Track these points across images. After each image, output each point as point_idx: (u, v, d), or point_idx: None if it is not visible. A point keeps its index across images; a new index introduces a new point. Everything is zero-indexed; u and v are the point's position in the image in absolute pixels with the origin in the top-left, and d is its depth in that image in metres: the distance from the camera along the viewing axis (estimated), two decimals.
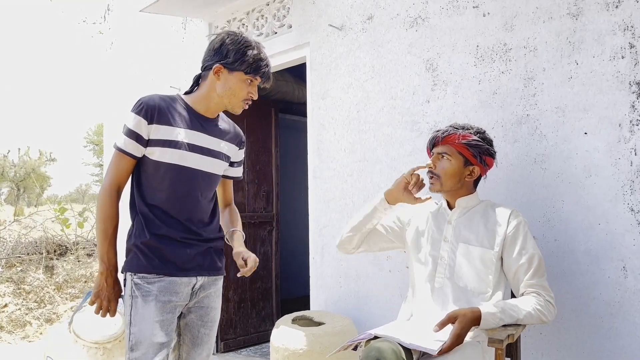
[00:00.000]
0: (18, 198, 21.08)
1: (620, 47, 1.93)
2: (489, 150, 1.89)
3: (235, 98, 1.77)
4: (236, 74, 1.73)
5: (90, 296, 1.71)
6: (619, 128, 1.93)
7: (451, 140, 1.87)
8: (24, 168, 21.68)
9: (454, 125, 1.91)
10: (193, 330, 1.82)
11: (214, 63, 1.73)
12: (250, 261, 1.78)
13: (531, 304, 1.69)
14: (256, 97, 1.81)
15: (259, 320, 4.12)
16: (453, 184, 1.88)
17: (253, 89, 1.79)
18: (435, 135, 1.93)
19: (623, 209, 1.90)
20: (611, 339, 1.92)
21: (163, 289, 1.69)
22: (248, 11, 3.57)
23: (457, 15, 2.43)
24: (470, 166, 1.88)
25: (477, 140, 1.86)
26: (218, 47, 1.73)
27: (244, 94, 1.77)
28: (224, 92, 1.75)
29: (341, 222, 2.92)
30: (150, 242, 1.70)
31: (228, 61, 1.71)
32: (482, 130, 1.93)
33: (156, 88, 4.29)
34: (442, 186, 1.88)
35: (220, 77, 1.74)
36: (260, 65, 1.74)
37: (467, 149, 1.85)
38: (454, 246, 1.86)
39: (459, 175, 1.87)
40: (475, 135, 1.87)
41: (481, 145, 1.86)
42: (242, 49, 1.71)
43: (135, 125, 1.68)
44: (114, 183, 1.71)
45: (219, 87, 1.75)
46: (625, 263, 1.89)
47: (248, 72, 1.73)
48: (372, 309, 2.72)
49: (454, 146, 1.87)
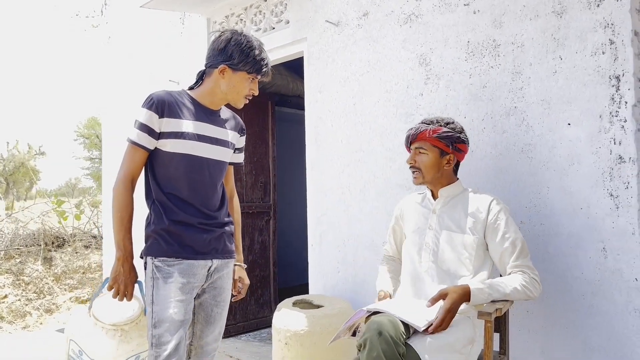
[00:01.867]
0: (7, 192, 20.98)
1: (601, 43, 2.07)
2: (460, 137, 2.04)
3: (238, 94, 1.92)
4: (240, 74, 1.88)
5: (108, 282, 1.83)
6: (599, 119, 2.07)
7: (423, 135, 2.02)
8: (13, 162, 21.58)
9: (424, 122, 2.07)
10: (207, 309, 1.96)
11: (219, 63, 1.86)
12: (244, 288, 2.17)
13: (517, 281, 1.84)
14: (257, 93, 1.96)
15: (258, 307, 4.25)
16: (433, 174, 2.03)
17: (254, 85, 1.94)
18: (409, 134, 2.09)
19: (603, 194, 2.05)
20: (592, 315, 2.07)
21: (182, 271, 1.82)
22: (246, 7, 3.67)
23: (448, 12, 2.55)
24: (446, 155, 2.03)
25: (446, 131, 2.01)
26: (223, 47, 1.86)
27: (246, 90, 1.92)
28: (228, 89, 1.90)
29: (339, 210, 3.05)
30: (170, 228, 1.83)
31: (233, 62, 1.85)
32: (452, 120, 2.08)
33: (155, 82, 4.39)
34: (424, 178, 2.04)
35: (225, 75, 1.87)
36: (262, 65, 1.89)
37: (439, 140, 2.01)
38: (437, 233, 2.01)
39: (437, 165, 2.02)
40: (445, 127, 2.03)
41: (452, 135, 2.01)
42: (245, 51, 1.85)
43: (148, 119, 1.80)
44: (128, 174, 1.83)
45: (223, 85, 1.89)
46: (605, 244, 2.04)
47: (251, 71, 1.88)
48: (368, 292, 2.86)
49: (427, 140, 2.02)
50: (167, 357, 1.76)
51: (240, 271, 2.18)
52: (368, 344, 1.62)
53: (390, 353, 1.59)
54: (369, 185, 2.90)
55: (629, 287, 1.97)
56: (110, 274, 1.80)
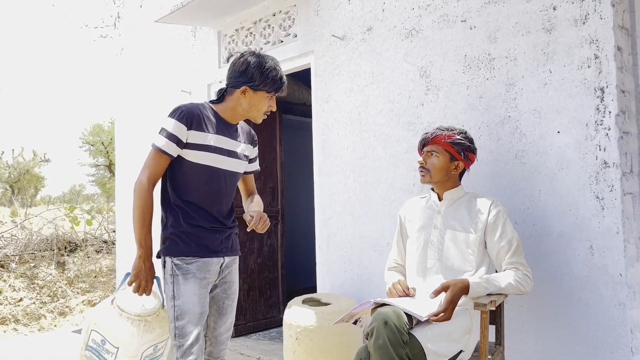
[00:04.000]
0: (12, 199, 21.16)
1: (587, 57, 2.25)
2: (471, 147, 2.23)
3: (258, 112, 2.10)
4: (260, 93, 2.05)
5: (129, 277, 2.00)
6: (586, 127, 2.24)
7: (438, 140, 2.20)
8: (18, 169, 21.76)
9: (440, 128, 2.25)
10: (219, 302, 2.14)
11: (240, 84, 2.03)
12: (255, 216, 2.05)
13: (512, 277, 2.01)
14: (275, 109, 2.14)
15: (267, 308, 4.42)
16: (441, 176, 2.20)
17: (272, 102, 2.12)
18: (425, 137, 2.26)
19: (590, 197, 2.22)
20: (581, 309, 2.24)
21: (200, 268, 2.00)
22: (255, 21, 3.87)
23: (447, 28, 2.74)
24: (455, 161, 2.21)
25: (460, 139, 2.19)
26: (244, 69, 2.02)
27: (265, 107, 2.10)
28: (250, 107, 2.07)
29: (345, 213, 3.23)
30: (187, 230, 2.00)
31: (254, 84, 2.02)
32: (464, 130, 2.27)
33: (167, 92, 4.58)
34: (432, 178, 2.21)
35: (246, 95, 2.05)
36: (280, 85, 2.07)
37: (452, 146, 2.19)
38: (442, 232, 2.18)
39: (445, 169, 2.20)
40: (458, 135, 2.21)
41: (463, 143, 2.20)
42: (265, 73, 2.02)
43: (177, 130, 1.97)
44: (151, 177, 2.00)
45: (245, 103, 2.06)
46: (592, 243, 2.22)
47: (270, 91, 2.06)
48: (373, 290, 3.03)
49: (440, 145, 2.20)
50: (190, 346, 1.94)
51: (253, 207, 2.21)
52: (375, 333, 1.79)
53: (395, 341, 1.76)
54: (373, 190, 3.08)
55: (614, 282, 2.15)
56: (132, 270, 1.96)
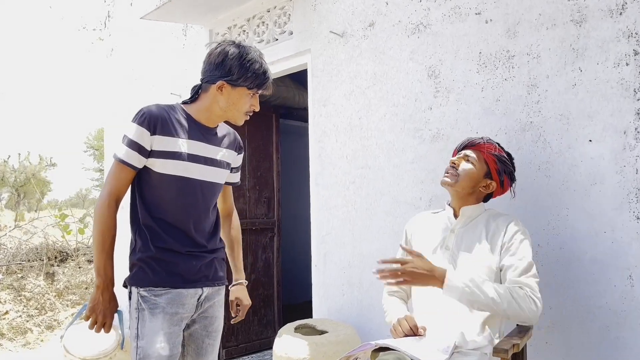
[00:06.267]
0: (18, 203, 21.03)
1: (625, 54, 1.92)
2: (512, 173, 1.94)
3: (238, 112, 1.78)
4: (239, 89, 1.73)
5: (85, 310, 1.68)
6: (624, 135, 1.91)
7: (484, 147, 1.91)
8: (24, 173, 21.63)
9: (490, 139, 1.96)
10: (197, 340, 1.82)
11: (216, 78, 1.72)
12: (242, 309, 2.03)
13: (506, 288, 1.66)
14: (258, 109, 1.82)
15: (261, 327, 4.10)
16: (467, 186, 1.88)
17: (255, 101, 1.79)
18: (470, 139, 1.97)
19: (629, 217, 1.89)
20: (618, 349, 1.90)
21: (170, 301, 1.68)
22: (249, 18, 3.57)
23: (459, 22, 2.42)
24: (489, 179, 1.90)
25: (506, 159, 1.92)
26: (220, 61, 1.71)
27: (246, 107, 1.78)
28: (227, 106, 1.76)
29: (344, 229, 2.90)
30: (157, 255, 1.69)
31: (232, 78, 1.70)
32: (512, 156, 1.99)
33: (157, 94, 4.28)
34: (456, 184, 1.89)
35: (223, 92, 1.73)
36: (263, 80, 1.75)
37: (494, 161, 1.89)
38: (455, 255, 1.85)
39: (475, 181, 1.89)
40: (506, 154, 1.94)
41: (508, 165, 1.92)
42: (245, 65, 1.70)
43: (138, 136, 1.66)
44: (113, 194, 1.69)
45: (222, 101, 1.75)
46: (631, 272, 1.88)
47: (251, 87, 1.74)
48: (375, 317, 2.70)
49: (483, 154, 1.90)
50: None
51: (239, 291, 2.05)
52: None
53: None
54: (375, 204, 2.76)
55: None
56: (88, 302, 1.66)
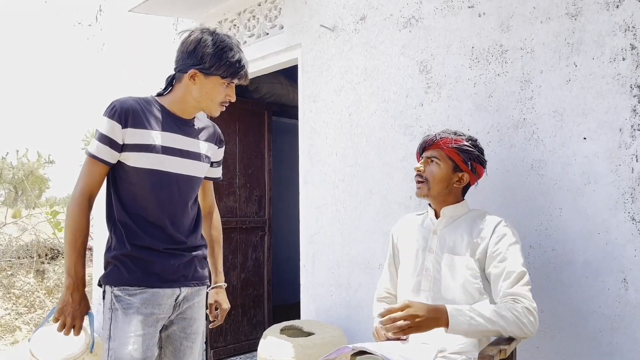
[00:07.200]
0: (16, 200, 20.94)
1: (621, 48, 1.85)
2: (480, 157, 1.82)
3: (212, 102, 1.70)
4: (213, 78, 1.66)
5: (54, 312, 1.61)
6: (619, 133, 1.84)
7: (442, 144, 1.80)
8: (22, 170, 21.55)
9: (445, 131, 1.85)
10: (175, 342, 1.75)
11: (188, 67, 1.65)
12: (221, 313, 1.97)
13: (506, 308, 1.55)
14: (234, 99, 1.74)
15: (250, 328, 4.02)
16: (440, 189, 1.80)
17: (230, 91, 1.72)
18: (426, 139, 1.86)
19: (624, 218, 1.81)
20: (611, 355, 1.83)
21: (145, 301, 1.61)
22: (239, 12, 3.49)
23: (451, 15, 2.34)
24: (459, 172, 1.80)
25: (468, 146, 1.79)
26: (192, 49, 1.64)
27: (221, 97, 1.71)
28: (201, 96, 1.69)
29: (332, 228, 2.83)
30: (132, 253, 1.62)
31: (204, 66, 1.64)
32: (475, 138, 1.86)
33: (146, 90, 4.20)
34: (430, 191, 1.80)
35: (196, 81, 1.66)
36: (237, 68, 1.67)
37: (457, 153, 1.79)
38: (438, 257, 1.76)
39: (447, 180, 1.80)
40: (467, 141, 1.81)
41: (472, 152, 1.80)
42: (218, 53, 1.63)
43: (109, 130, 1.59)
44: (85, 191, 1.62)
45: (195, 91, 1.68)
46: (626, 275, 1.80)
47: (225, 76, 1.67)
48: (363, 318, 2.63)
49: (444, 150, 1.80)
50: None
51: (217, 294, 1.97)
52: None
53: None
54: (365, 203, 2.68)
55: None
56: (58, 303, 1.58)
